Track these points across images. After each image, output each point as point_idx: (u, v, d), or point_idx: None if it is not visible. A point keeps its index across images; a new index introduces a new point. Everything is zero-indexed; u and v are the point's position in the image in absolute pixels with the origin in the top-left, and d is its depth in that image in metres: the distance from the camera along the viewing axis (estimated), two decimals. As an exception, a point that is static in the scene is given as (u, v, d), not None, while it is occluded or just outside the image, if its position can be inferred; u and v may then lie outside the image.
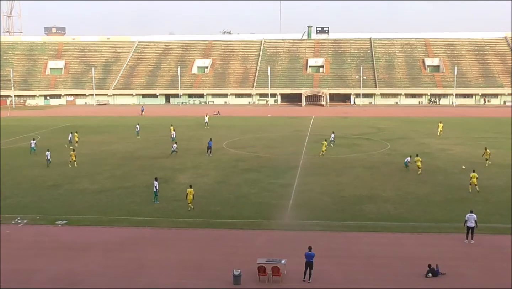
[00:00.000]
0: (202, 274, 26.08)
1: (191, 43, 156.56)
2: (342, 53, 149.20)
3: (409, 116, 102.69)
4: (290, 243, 30.00)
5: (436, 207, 37.48)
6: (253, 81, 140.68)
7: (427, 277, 25.43)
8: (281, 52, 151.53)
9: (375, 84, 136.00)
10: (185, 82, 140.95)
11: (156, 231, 32.88)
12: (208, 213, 36.36)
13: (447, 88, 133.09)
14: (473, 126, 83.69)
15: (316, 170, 50.49)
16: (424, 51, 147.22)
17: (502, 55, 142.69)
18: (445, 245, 29.94)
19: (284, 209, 37.30)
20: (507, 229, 32.29)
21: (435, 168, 50.71)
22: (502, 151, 60.03)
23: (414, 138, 71.01)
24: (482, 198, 39.28)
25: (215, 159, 56.79)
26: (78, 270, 26.55)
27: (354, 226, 33.46)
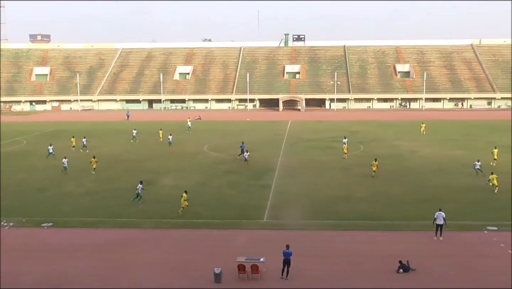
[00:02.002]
0: (184, 273, 26.03)
1: (173, 51, 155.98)
2: (317, 60, 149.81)
3: (381, 120, 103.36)
4: (269, 242, 30.07)
5: (407, 206, 37.81)
6: (232, 87, 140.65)
7: (398, 273, 25.67)
8: (260, 59, 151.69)
9: (349, 90, 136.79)
10: (167, 88, 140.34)
11: (140, 231, 32.70)
12: (190, 213, 36.25)
13: (417, 93, 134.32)
14: (441, 129, 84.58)
15: (293, 172, 50.64)
16: (395, 57, 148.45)
17: (468, 62, 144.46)
18: (416, 242, 30.22)
19: (263, 209, 37.36)
20: (474, 226, 32.74)
21: (406, 169, 51.16)
22: (468, 152, 60.80)
23: (386, 140, 71.55)
24: (450, 197, 39.68)
25: (196, 162, 56.68)
26: (65, 271, 26.30)
27: (330, 225, 33.63)
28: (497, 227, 32.40)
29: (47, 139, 73.73)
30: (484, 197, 39.74)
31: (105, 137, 77.02)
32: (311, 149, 64.00)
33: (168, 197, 40.80)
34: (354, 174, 49.13)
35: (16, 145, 70.82)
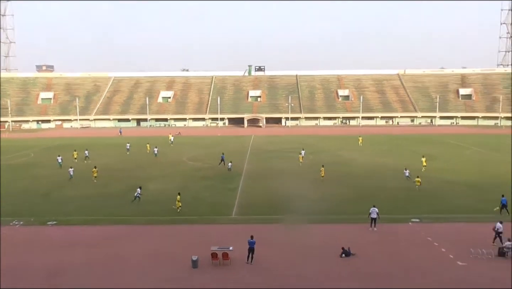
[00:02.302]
0: (167, 260, 25.77)
1: (157, 79, 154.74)
2: (275, 86, 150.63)
3: (327, 134, 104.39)
4: (236, 233, 30.03)
5: (349, 203, 38.23)
6: (206, 108, 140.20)
7: (341, 257, 25.96)
8: (228, 85, 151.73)
9: (301, 110, 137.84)
10: (153, 109, 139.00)
11: (131, 227, 32.24)
12: (172, 212, 35.97)
13: (355, 112, 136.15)
14: (374, 141, 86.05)
15: (256, 176, 50.70)
16: (337, 84, 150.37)
17: (396, 88, 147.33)
18: (355, 232, 30.56)
19: (231, 207, 37.32)
20: (401, 219, 33.28)
21: (347, 173, 51.71)
22: (396, 159, 61.91)
23: (331, 151, 72.21)
24: (382, 196, 40.30)
25: (178, 170, 56.23)
26: (66, 262, 25.76)
27: (286, 219, 33.74)
28: (419, 219, 33.06)
29: (52, 152, 72.15)
30: (409, 196, 40.53)
31: (101, 150, 75.62)
32: (271, 158, 64.17)
33: (154, 199, 40.39)
34: (306, 178, 49.46)
35: (24, 157, 68.95)
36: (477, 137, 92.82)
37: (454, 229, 30.95)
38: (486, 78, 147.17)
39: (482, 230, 30.53)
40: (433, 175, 49.71)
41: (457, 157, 64.04)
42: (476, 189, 42.99)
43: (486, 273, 23.71)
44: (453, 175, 50.00)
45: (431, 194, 40.75)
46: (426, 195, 40.22)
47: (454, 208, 36.26)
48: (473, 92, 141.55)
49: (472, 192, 42.04)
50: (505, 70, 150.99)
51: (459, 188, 43.80)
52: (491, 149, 72.68)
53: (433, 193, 41.39)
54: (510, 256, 25.61)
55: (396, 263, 25.14)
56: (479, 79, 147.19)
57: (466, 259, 25.41)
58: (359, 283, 22.82)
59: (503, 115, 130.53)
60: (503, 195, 35.67)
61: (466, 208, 36.23)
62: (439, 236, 29.29)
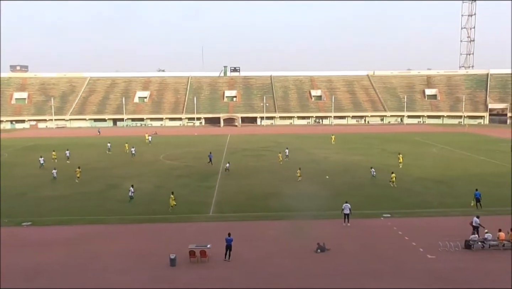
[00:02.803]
0: (145, 259, 25.33)
1: (133, 79, 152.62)
2: (250, 86, 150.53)
3: (300, 133, 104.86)
4: (214, 231, 29.82)
5: (322, 199, 38.36)
6: (183, 108, 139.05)
7: (317, 253, 26.01)
8: (204, 86, 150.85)
9: (275, 110, 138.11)
10: (129, 109, 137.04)
11: (107, 227, 31.61)
12: (149, 211, 35.46)
13: (327, 112, 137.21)
14: (346, 139, 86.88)
15: (232, 175, 50.51)
16: (310, 85, 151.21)
17: (366, 88, 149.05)
18: (329, 227, 30.69)
19: (208, 205, 37.04)
20: (373, 214, 33.64)
21: (321, 171, 52.00)
22: (367, 157, 62.66)
23: (305, 149, 72.51)
24: (354, 192, 40.67)
25: (154, 168, 55.56)
26: (42, 262, 25.03)
27: (263, 216, 33.70)
28: (390, 214, 33.45)
29: (27, 152, 70.33)
30: (380, 192, 40.94)
31: (81, 150, 73.69)
32: (246, 157, 64.04)
33: (129, 198, 39.70)
34: (281, 176, 49.53)
35: (-1, 157, 66.97)
36: (442, 135, 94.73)
37: (423, 223, 31.41)
38: (450, 79, 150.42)
39: (450, 223, 31.12)
40: (402, 171, 50.42)
41: (425, 154, 65.16)
42: (443, 185, 43.77)
43: (453, 264, 24.11)
44: (422, 172, 50.83)
45: (402, 190, 41.28)
46: (396, 191, 40.71)
47: (424, 203, 36.82)
48: (438, 92, 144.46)
49: (439, 187, 42.79)
50: (467, 71, 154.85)
51: (427, 183, 44.51)
52: (456, 146, 74.25)
53: (403, 188, 41.94)
54: (475, 248, 26.10)
55: (369, 257, 25.33)
56: (443, 80, 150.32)
57: (435, 252, 25.78)
58: (334, 277, 22.88)
59: (466, 114, 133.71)
60: (477, 189, 36.16)
61: (435, 203, 36.83)
62: (409, 230, 29.65)
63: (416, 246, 26.83)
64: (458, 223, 30.68)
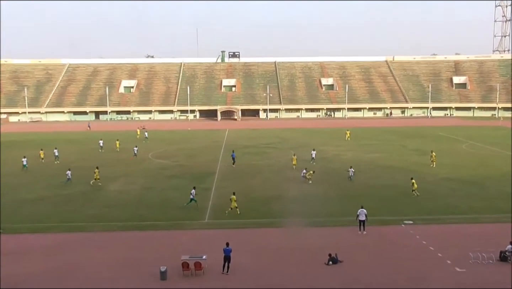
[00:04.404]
0: (131, 272, 25.25)
1: (118, 66, 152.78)
2: (251, 74, 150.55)
3: (309, 127, 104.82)
4: (210, 240, 29.72)
5: (333, 203, 38.28)
6: (174, 99, 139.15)
7: (328, 265, 25.88)
8: (199, 73, 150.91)
9: (280, 101, 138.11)
10: (113, 101, 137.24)
11: (89, 235, 31.50)
12: (136, 216, 35.39)
13: (340, 103, 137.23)
14: (361, 135, 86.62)
15: (231, 175, 50.46)
16: (320, 72, 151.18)
17: (384, 76, 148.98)
18: (342, 236, 30.58)
19: (204, 210, 36.96)
20: (393, 221, 33.51)
21: (331, 170, 51.92)
22: (384, 155, 62.56)
23: (314, 146, 72.09)
24: (370, 195, 40.57)
25: (142, 168, 55.53)
26: (18, 273, 24.92)
27: (265, 223, 33.62)
28: (413, 221, 33.29)
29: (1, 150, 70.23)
30: (400, 194, 40.77)
31: (68, 148, 72.49)
32: (247, 154, 63.99)
33: (115, 201, 39.69)
34: (286, 177, 49.41)
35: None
36: (473, 130, 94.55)
37: (451, 231, 31.26)
38: (481, 65, 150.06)
39: (481, 231, 30.93)
40: (426, 171, 50.24)
41: (452, 152, 64.99)
42: (473, 186, 43.63)
43: (486, 279, 23.93)
44: (448, 171, 50.67)
45: (425, 192, 41.11)
46: (420, 194, 40.51)
47: (451, 208, 36.68)
48: (468, 80, 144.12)
49: (469, 189, 42.64)
50: (502, 56, 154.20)
51: (455, 185, 44.39)
52: (488, 142, 74.03)
53: (427, 191, 41.78)
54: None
55: (389, 271, 25.17)
56: (474, 67, 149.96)
57: (465, 264, 25.62)
58: (348, 293, 22.75)
59: (501, 105, 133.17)
60: None
61: (464, 207, 36.69)
62: (435, 239, 29.51)
63: (442, 257, 26.69)
64: (492, 231, 30.51)
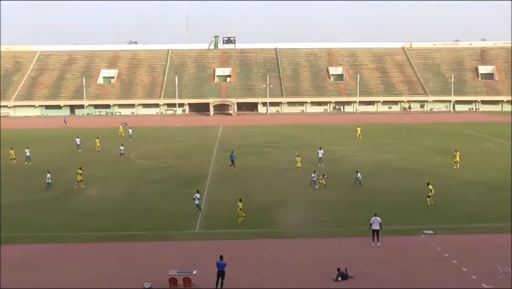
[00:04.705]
0: None
1: (97, 54, 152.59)
2: (248, 62, 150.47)
3: (315, 123, 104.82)
4: (202, 253, 29.74)
5: (343, 211, 38.32)
6: (160, 91, 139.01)
7: (337, 281, 25.85)
8: (188, 62, 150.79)
9: (282, 93, 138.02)
10: (91, 93, 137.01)
11: (63, 246, 31.46)
12: (117, 225, 35.36)
13: (351, 96, 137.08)
14: (375, 132, 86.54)
15: (226, 178, 50.45)
16: (327, 60, 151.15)
17: (400, 64, 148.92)
18: (353, 248, 30.58)
19: (194, 218, 36.94)
20: (411, 230, 33.50)
21: (340, 173, 51.77)
22: (401, 155, 62.52)
23: (320, 145, 71.94)
24: (384, 201, 40.56)
25: (124, 170, 55.52)
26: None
27: (264, 233, 33.60)
28: (433, 231, 33.30)
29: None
30: (418, 200, 40.61)
31: (41, 147, 72.15)
32: (244, 155, 63.90)
33: (92, 208, 39.67)
34: (288, 180, 49.40)
35: None
36: (501, 126, 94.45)
37: (477, 242, 31.30)
38: None
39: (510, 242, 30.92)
40: (448, 174, 50.27)
41: (478, 152, 65.00)
42: (501, 192, 43.58)
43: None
44: (473, 174, 50.70)
45: (448, 198, 41.17)
46: (441, 200, 40.53)
47: (476, 216, 36.72)
48: (496, 70, 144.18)
49: (497, 194, 42.66)
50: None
51: (481, 189, 44.42)
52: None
53: (450, 196, 41.86)
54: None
55: (406, 287, 25.16)
56: (502, 55, 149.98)
57: (493, 280, 25.65)
58: (359, 313, 22.78)
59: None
60: None
61: (491, 215, 36.70)
62: (458, 251, 29.55)
63: (467, 272, 26.73)
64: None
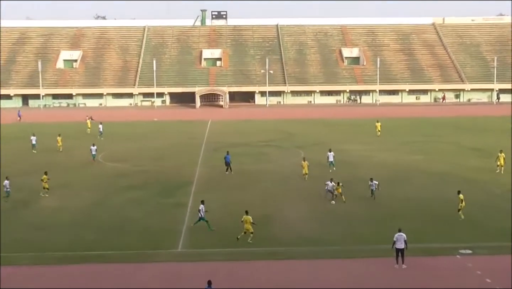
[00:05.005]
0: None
1: (55, 31, 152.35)
2: (243, 42, 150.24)
3: (326, 117, 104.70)
4: (186, 277, 29.72)
5: (360, 226, 38.18)
6: (135, 78, 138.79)
7: (351, 311, 25.88)
8: (169, 42, 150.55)
9: (284, 80, 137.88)
10: (48, 80, 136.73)
11: (13, 270, 31.31)
12: (81, 244, 35.27)
13: (369, 83, 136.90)
14: (400, 129, 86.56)
15: (215, 186, 50.38)
16: (341, 40, 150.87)
17: (431, 45, 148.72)
18: (373, 271, 30.49)
19: (177, 234, 36.90)
20: (444, 249, 33.40)
21: (357, 179, 51.53)
22: (432, 156, 62.48)
23: (332, 144, 71.77)
24: (412, 213, 40.47)
25: (89, 175, 55.43)
26: None
27: (263, 253, 33.52)
28: (471, 250, 33.19)
29: None
30: (452, 212, 40.25)
31: None
32: (238, 156, 63.66)
33: (50, 222, 39.57)
34: (293, 187, 49.35)
35: None
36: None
37: (524, 265, 31.24)
38: None
39: None
40: (490, 180, 50.23)
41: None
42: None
43: None
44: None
45: (490, 210, 41.16)
46: (481, 212, 40.51)
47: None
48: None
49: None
50: None
51: (530, 199, 44.34)
52: None
53: (493, 208, 41.85)
54: None
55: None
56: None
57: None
58: None
59: None
60: None
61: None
62: (503, 275, 29.44)
63: (514, 302, 26.77)
64: None
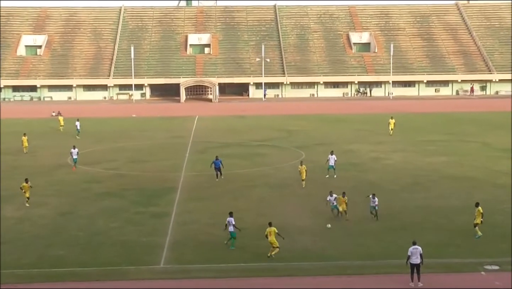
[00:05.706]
0: None
1: (15, 12, 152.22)
2: (235, 26, 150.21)
3: (330, 113, 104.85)
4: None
5: (370, 238, 38.23)
6: (109, 67, 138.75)
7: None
8: (149, 25, 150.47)
9: (283, 70, 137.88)
10: (8, 69, 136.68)
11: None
12: (48, 260, 35.30)
13: (381, 73, 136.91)
14: (417, 126, 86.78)
15: (203, 192, 50.42)
16: (349, 22, 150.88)
17: (453, 28, 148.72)
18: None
19: (159, 249, 36.96)
20: (467, 265, 33.49)
21: (367, 184, 51.74)
22: (455, 159, 62.62)
23: (337, 144, 71.82)
24: (430, 224, 40.60)
25: (56, 180, 55.42)
26: None
27: (259, 269, 33.66)
28: (499, 266, 33.41)
29: None
30: (478, 223, 40.86)
31: None
32: (229, 158, 63.79)
33: (11, 236, 39.61)
34: (293, 193, 49.54)
35: None
36: None
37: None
38: None
39: None
40: None
41: None
42: None
43: None
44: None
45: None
46: (510, 224, 40.75)
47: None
48: None
49: None
50: None
51: None
52: None
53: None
54: None
55: None
56: None
57: None
58: None
59: None
60: None
61: None
62: (533, 294, 29.72)
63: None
64: None
